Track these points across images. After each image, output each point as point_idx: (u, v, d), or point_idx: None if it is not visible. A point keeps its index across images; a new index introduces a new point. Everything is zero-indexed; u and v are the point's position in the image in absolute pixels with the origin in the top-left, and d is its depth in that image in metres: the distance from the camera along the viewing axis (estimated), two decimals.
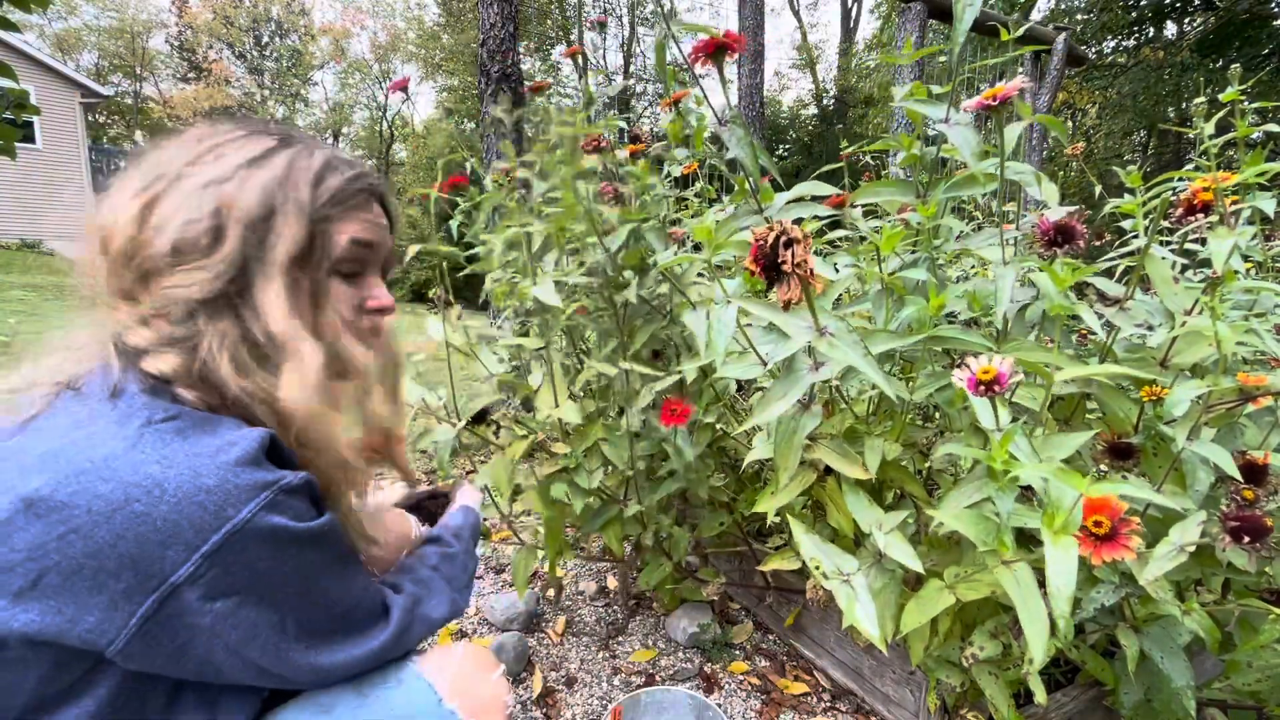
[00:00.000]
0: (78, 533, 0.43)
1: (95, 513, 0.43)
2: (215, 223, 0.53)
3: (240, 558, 0.46)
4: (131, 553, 0.43)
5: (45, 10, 1.55)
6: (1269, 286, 0.91)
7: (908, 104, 0.91)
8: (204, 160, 0.55)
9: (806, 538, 0.88)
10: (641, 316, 1.31)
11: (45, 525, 0.43)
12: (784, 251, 0.67)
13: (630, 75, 20.55)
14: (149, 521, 0.44)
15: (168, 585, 0.44)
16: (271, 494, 0.47)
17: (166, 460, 0.45)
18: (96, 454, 0.45)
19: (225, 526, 0.45)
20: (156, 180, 0.54)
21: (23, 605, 0.43)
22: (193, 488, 0.45)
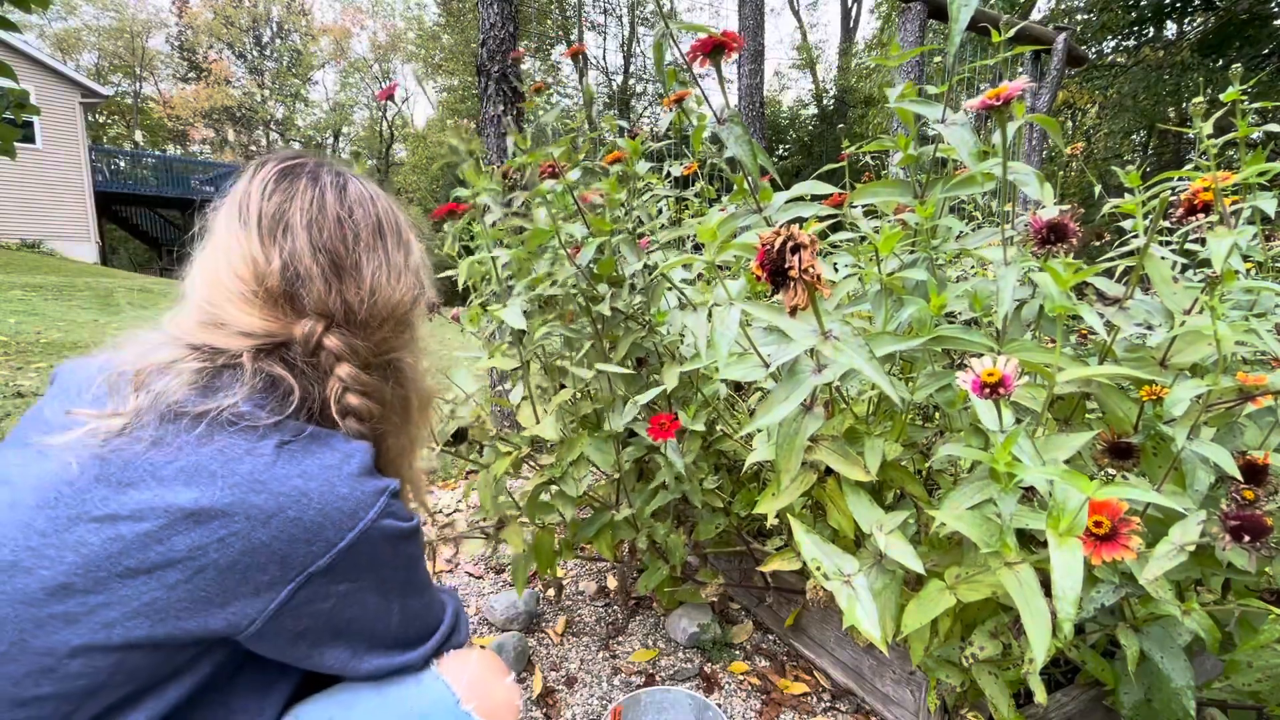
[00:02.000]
0: (237, 536, 0.51)
1: (253, 519, 0.52)
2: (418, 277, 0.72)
3: (366, 550, 0.56)
4: (282, 550, 0.52)
5: (45, 10, 1.55)
6: (1269, 286, 0.91)
7: (902, 104, 0.91)
8: (404, 231, 0.72)
9: (807, 538, 0.88)
10: (620, 326, 1.32)
11: (205, 530, 0.50)
12: (790, 257, 0.67)
13: (630, 75, 20.54)
14: (300, 524, 0.53)
15: (305, 574, 0.53)
16: (387, 498, 0.58)
17: (306, 474, 0.55)
18: (243, 469, 0.53)
19: (359, 526, 0.55)
20: (407, 255, 0.71)
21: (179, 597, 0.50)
22: (332, 495, 0.55)
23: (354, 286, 0.63)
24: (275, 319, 0.60)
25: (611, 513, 1.37)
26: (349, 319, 0.63)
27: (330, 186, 0.65)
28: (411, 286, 0.69)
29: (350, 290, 0.63)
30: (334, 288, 0.62)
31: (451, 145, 1.23)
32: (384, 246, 0.67)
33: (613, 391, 1.30)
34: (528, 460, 1.41)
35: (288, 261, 0.61)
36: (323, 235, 0.62)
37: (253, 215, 0.62)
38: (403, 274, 0.68)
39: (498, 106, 1.78)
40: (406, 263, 0.69)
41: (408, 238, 0.71)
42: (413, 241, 0.72)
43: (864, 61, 18.59)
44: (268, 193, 0.63)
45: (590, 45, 20.31)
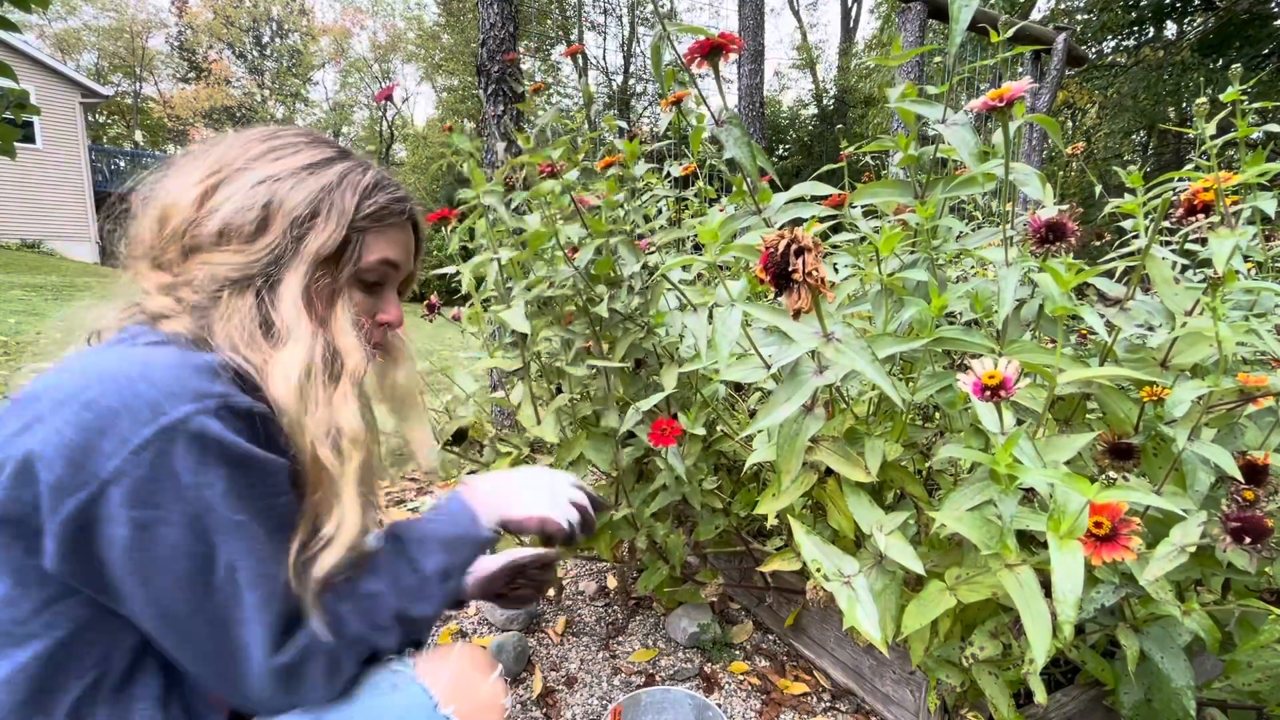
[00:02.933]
0: (39, 421, 0.45)
1: (55, 400, 0.46)
2: (263, 215, 0.58)
3: (166, 461, 0.45)
4: (72, 441, 0.44)
5: (45, 10, 1.54)
6: (1269, 286, 0.91)
7: (903, 104, 0.91)
8: (265, 158, 0.60)
9: (807, 539, 0.88)
10: (619, 328, 1.32)
11: (17, 417, 0.46)
12: (795, 260, 0.67)
13: (630, 75, 20.54)
14: (94, 409, 0.45)
15: (97, 482, 0.44)
16: (216, 401, 0.48)
17: (130, 358, 0.48)
18: (83, 359, 0.49)
19: (160, 420, 0.45)
20: (219, 170, 0.59)
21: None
22: (142, 382, 0.46)
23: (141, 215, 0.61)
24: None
25: (611, 512, 1.37)
26: (146, 250, 0.60)
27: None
28: (188, 200, 0.58)
29: (138, 222, 0.61)
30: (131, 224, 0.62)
31: (457, 145, 1.23)
32: (181, 164, 0.61)
33: (611, 392, 1.30)
34: (528, 461, 1.41)
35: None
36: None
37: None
38: (182, 185, 0.59)
39: (498, 106, 1.78)
40: (201, 181, 0.59)
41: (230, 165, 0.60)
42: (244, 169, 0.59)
43: (864, 61, 18.58)
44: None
45: (590, 45, 20.31)
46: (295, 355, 0.57)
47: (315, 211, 0.60)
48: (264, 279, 0.58)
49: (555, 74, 18.96)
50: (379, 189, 0.64)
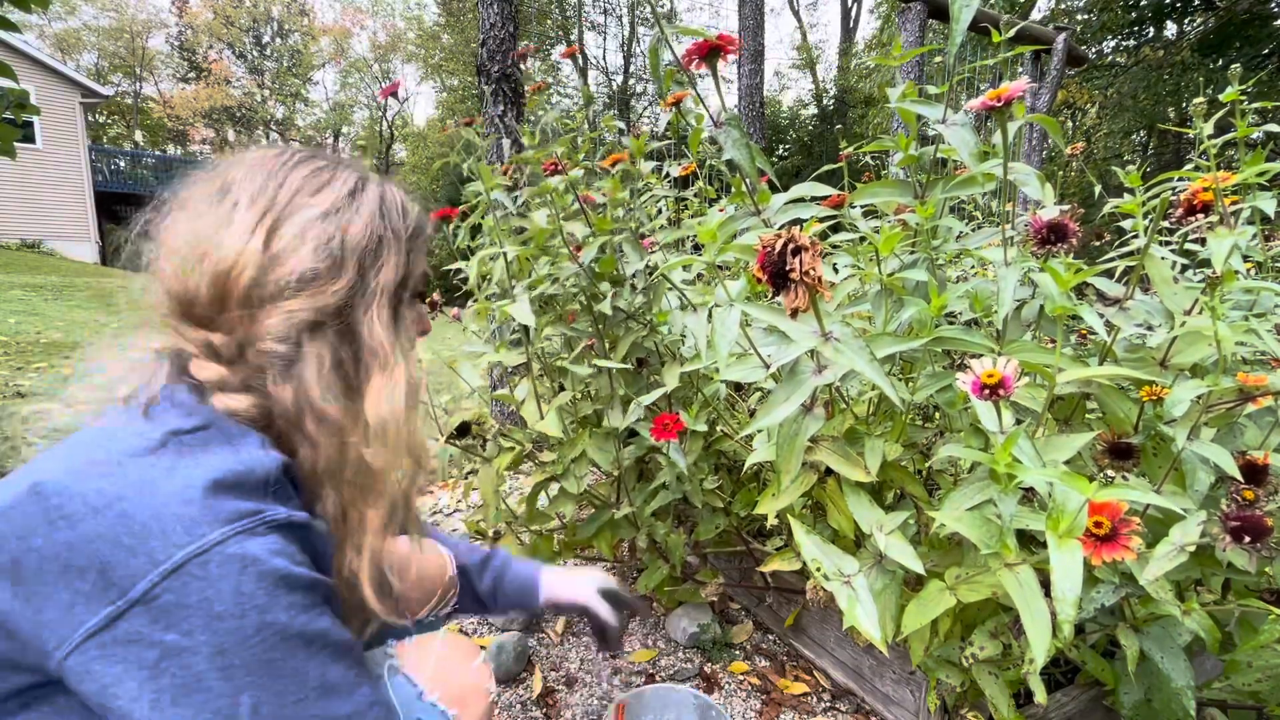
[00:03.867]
0: (67, 519, 0.43)
1: (89, 504, 0.43)
2: (339, 251, 0.56)
3: (199, 586, 0.42)
4: (105, 554, 0.42)
5: (45, 10, 1.55)
6: (1269, 286, 0.91)
7: (903, 105, 0.91)
8: (306, 190, 0.57)
9: (807, 539, 0.88)
10: (621, 326, 1.32)
11: (42, 509, 0.43)
12: (792, 259, 0.67)
13: (630, 75, 20.54)
14: (128, 523, 0.42)
15: (126, 600, 0.42)
16: (253, 522, 0.45)
17: (173, 468, 0.45)
18: (114, 449, 0.45)
19: (192, 544, 0.42)
20: (269, 208, 0.56)
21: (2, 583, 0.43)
22: (180, 499, 0.43)
23: (168, 261, 0.55)
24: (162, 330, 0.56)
25: (612, 511, 1.38)
26: (189, 308, 0.54)
27: (187, 178, 0.60)
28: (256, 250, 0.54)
29: (168, 267, 0.55)
30: (156, 270, 0.56)
31: (466, 142, 1.23)
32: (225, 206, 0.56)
33: (613, 389, 1.30)
34: (529, 458, 1.41)
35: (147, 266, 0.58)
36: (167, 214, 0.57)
37: None
38: (241, 234, 0.54)
39: (498, 106, 1.78)
40: (259, 225, 0.55)
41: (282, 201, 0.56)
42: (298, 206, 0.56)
43: (864, 61, 18.59)
44: None
45: (590, 45, 20.32)
46: (398, 376, 0.57)
47: (380, 240, 0.59)
48: (343, 318, 0.56)
49: (555, 74, 18.96)
50: (409, 208, 0.63)
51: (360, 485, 0.56)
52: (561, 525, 1.57)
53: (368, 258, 0.57)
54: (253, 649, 0.43)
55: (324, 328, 0.55)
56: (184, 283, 0.54)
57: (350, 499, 0.56)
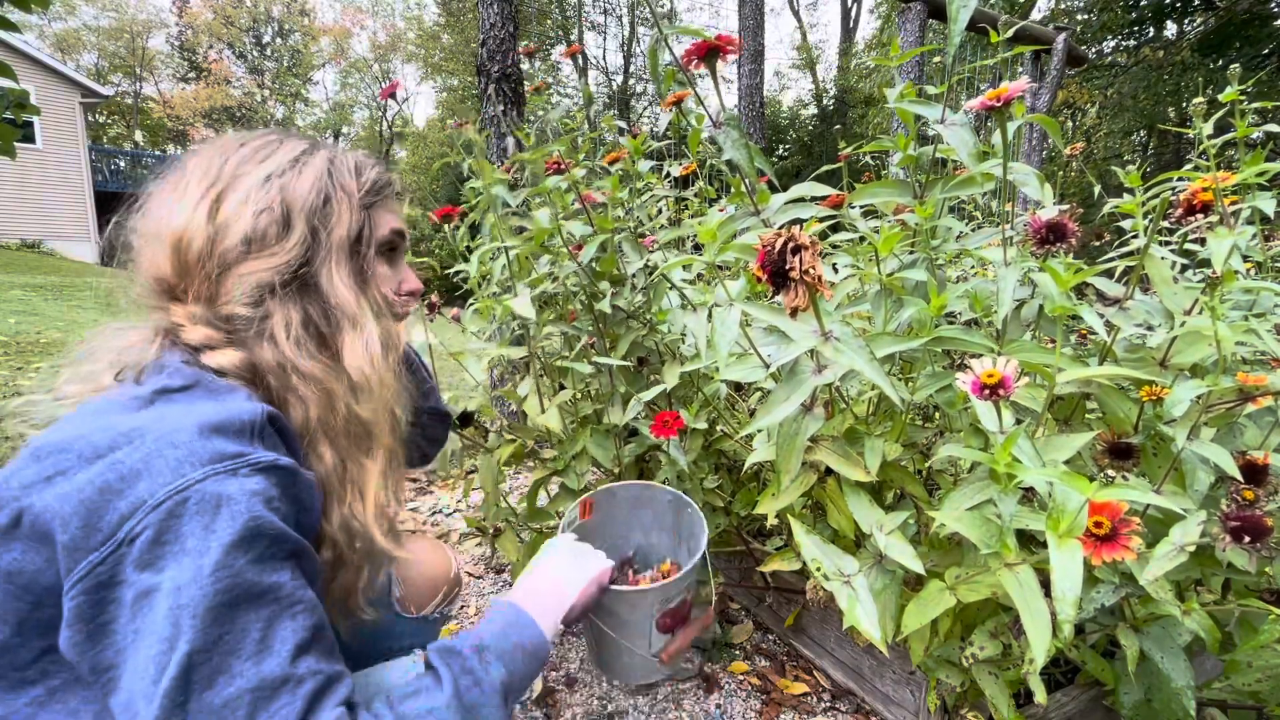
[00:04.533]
0: (63, 474, 0.44)
1: (81, 456, 0.45)
2: (282, 212, 0.57)
3: (174, 523, 0.43)
4: (93, 500, 0.43)
5: (45, 10, 1.55)
6: (1269, 286, 0.91)
7: (901, 105, 0.91)
8: (253, 160, 0.59)
9: (807, 539, 0.88)
10: (622, 325, 1.32)
11: (42, 465, 0.45)
12: (791, 258, 0.67)
13: (630, 75, 20.54)
14: (118, 470, 0.44)
15: (111, 543, 0.43)
16: (235, 463, 0.46)
17: (161, 416, 0.47)
18: (106, 409, 0.48)
19: (176, 481, 0.44)
20: (214, 182, 0.58)
21: (5, 544, 0.45)
22: (165, 443, 0.45)
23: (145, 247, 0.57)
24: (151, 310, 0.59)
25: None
26: (167, 287, 0.57)
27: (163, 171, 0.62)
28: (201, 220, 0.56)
29: (145, 253, 0.57)
30: (137, 258, 0.58)
31: (466, 140, 1.23)
32: (177, 192, 0.58)
33: (613, 387, 1.30)
34: (530, 455, 1.41)
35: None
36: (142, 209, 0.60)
37: None
38: (189, 208, 0.57)
39: (498, 106, 1.78)
40: (204, 198, 0.57)
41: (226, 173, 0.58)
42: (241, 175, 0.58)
43: (864, 61, 18.59)
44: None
45: (590, 45, 20.32)
46: (369, 330, 0.59)
47: (326, 199, 0.60)
48: (302, 277, 0.58)
49: (555, 74, 18.96)
50: (364, 165, 0.66)
51: (354, 435, 0.59)
52: None
53: (316, 216, 0.59)
54: (205, 590, 0.42)
55: (286, 287, 0.57)
56: (155, 264, 0.57)
57: (347, 450, 0.58)
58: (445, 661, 0.56)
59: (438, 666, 0.56)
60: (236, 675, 0.42)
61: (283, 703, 0.43)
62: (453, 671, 0.55)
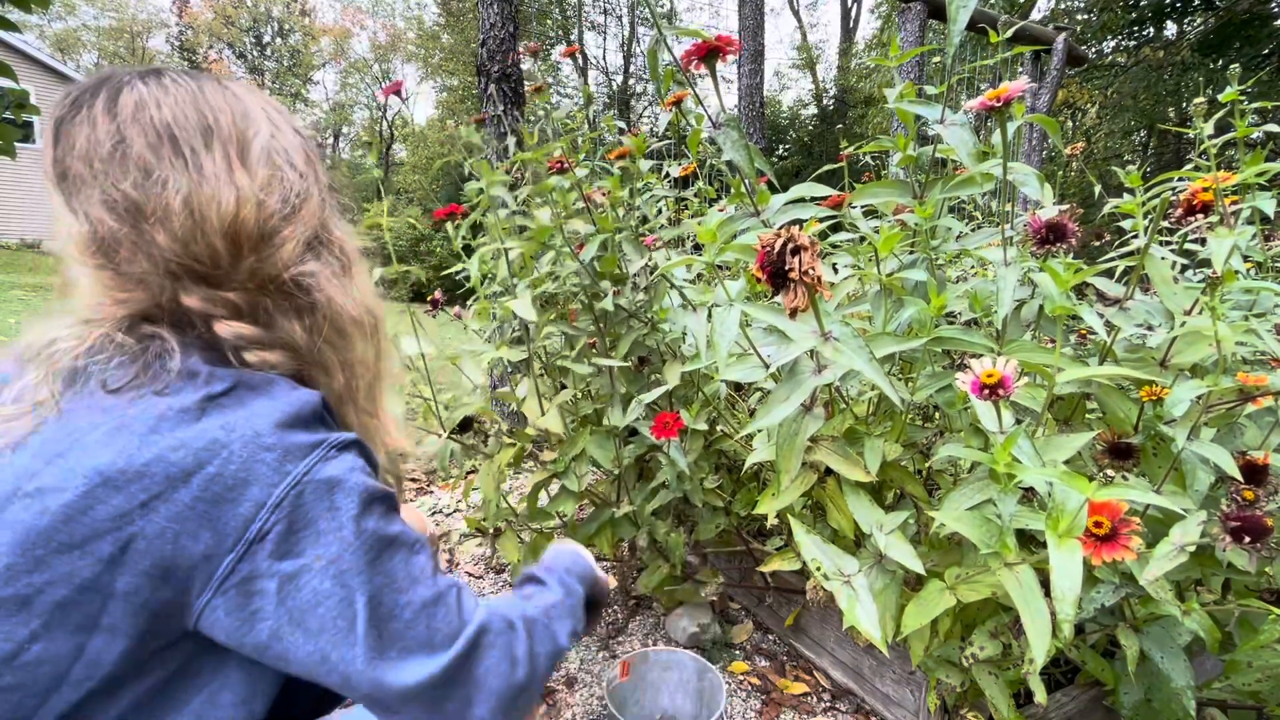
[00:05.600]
0: (159, 499, 0.46)
1: (172, 479, 0.46)
2: (295, 167, 0.58)
3: (302, 513, 0.48)
4: (208, 513, 0.46)
5: (45, 10, 1.54)
6: (1269, 286, 0.91)
7: (901, 105, 0.91)
8: (238, 112, 0.56)
9: (807, 539, 0.88)
10: (623, 324, 1.32)
11: (126, 495, 0.46)
12: (791, 259, 0.67)
13: (630, 75, 20.54)
14: (221, 482, 0.47)
15: (243, 545, 0.47)
16: (325, 449, 0.51)
17: (229, 426, 0.48)
18: (164, 427, 0.48)
19: (286, 479, 0.48)
20: (229, 149, 0.55)
21: (119, 569, 0.46)
22: (255, 448, 0.48)
23: (164, 227, 0.51)
24: (124, 291, 0.52)
25: (612, 509, 1.38)
26: (198, 272, 0.53)
27: (102, 109, 0.51)
28: (249, 189, 0.54)
29: (162, 234, 0.51)
30: (147, 237, 0.51)
31: (466, 141, 1.23)
32: (183, 158, 0.52)
33: (614, 388, 1.30)
34: (530, 456, 1.41)
35: (93, 226, 0.51)
36: (108, 177, 0.50)
37: (49, 176, 0.52)
38: (225, 178, 0.53)
39: (498, 106, 1.78)
40: (233, 163, 0.54)
41: (230, 130, 0.55)
42: (247, 131, 0.56)
43: (864, 61, 18.59)
44: (51, 142, 0.52)
45: (590, 45, 20.32)
46: (362, 266, 0.64)
47: (306, 156, 0.60)
48: (324, 227, 0.60)
49: (555, 74, 18.95)
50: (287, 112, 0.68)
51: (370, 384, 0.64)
52: (562, 524, 1.57)
53: (314, 166, 0.60)
54: (356, 554, 0.50)
55: (317, 240, 0.59)
56: (190, 250, 0.52)
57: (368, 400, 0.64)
58: (547, 577, 0.70)
59: (542, 578, 0.70)
60: (404, 605, 0.52)
61: (442, 611, 0.54)
62: (558, 579, 0.70)
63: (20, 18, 1.59)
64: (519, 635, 0.59)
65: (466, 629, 0.55)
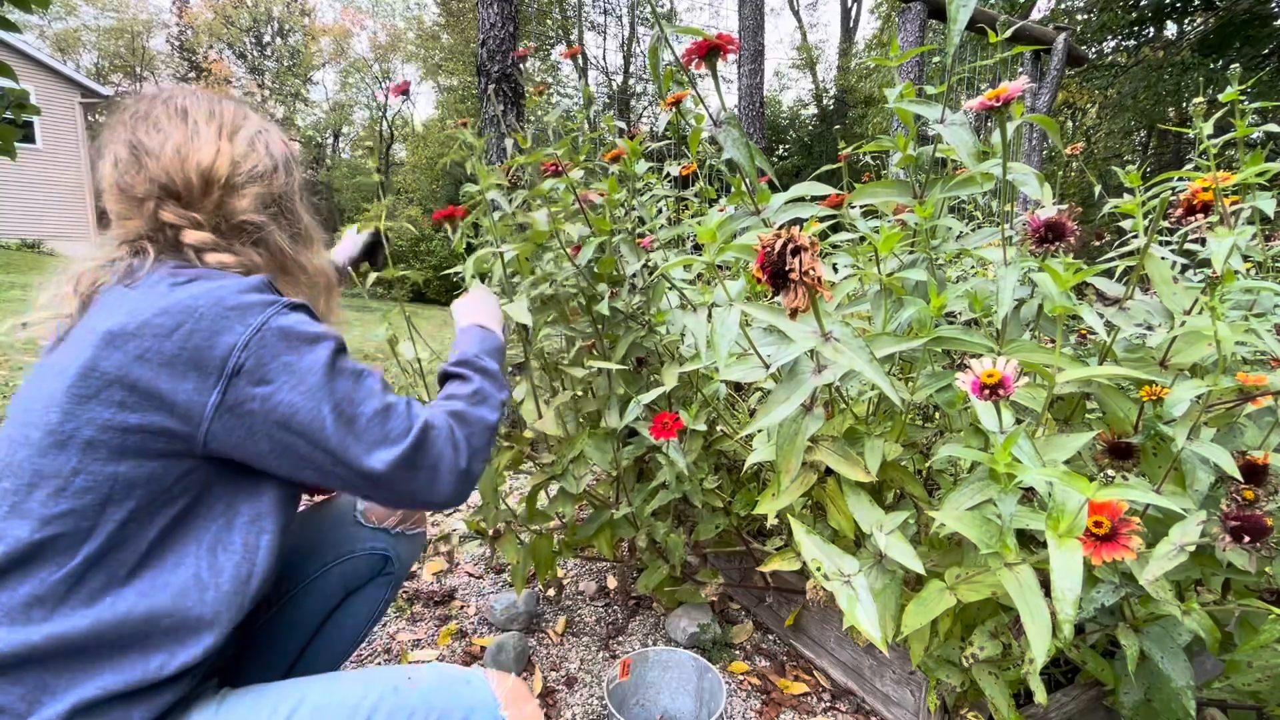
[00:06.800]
0: (150, 351, 0.61)
1: (158, 335, 0.62)
2: (271, 155, 0.79)
3: (267, 351, 0.63)
4: (192, 358, 0.62)
5: (45, 10, 1.55)
6: (1269, 286, 0.91)
7: (901, 105, 0.91)
8: (240, 114, 0.79)
9: (807, 539, 0.88)
10: (620, 326, 1.32)
11: (124, 351, 0.61)
12: (791, 259, 0.67)
13: (630, 75, 20.53)
14: (198, 334, 0.62)
15: (224, 378, 0.62)
16: (279, 305, 0.66)
17: (196, 294, 0.64)
18: (147, 302, 0.64)
19: (249, 327, 0.63)
20: (223, 126, 0.77)
21: (129, 409, 0.61)
22: (221, 308, 0.63)
23: (156, 162, 0.72)
24: (126, 219, 0.73)
25: (611, 511, 1.37)
26: (176, 194, 0.73)
27: (130, 108, 0.77)
28: (227, 152, 0.75)
29: (154, 165, 0.72)
30: (144, 164, 0.72)
31: (464, 141, 1.23)
32: (186, 124, 0.75)
33: (612, 389, 1.30)
34: (529, 458, 1.41)
35: (115, 158, 0.74)
36: (133, 131, 0.74)
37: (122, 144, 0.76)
38: (211, 142, 0.74)
39: (498, 106, 1.79)
40: (222, 135, 0.75)
41: (228, 119, 0.77)
42: (241, 123, 0.78)
43: (864, 61, 18.58)
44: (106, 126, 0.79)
45: (590, 45, 20.31)
46: (321, 247, 0.87)
47: (288, 154, 0.82)
48: (284, 202, 0.80)
49: (555, 74, 18.94)
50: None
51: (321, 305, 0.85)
52: (561, 525, 1.57)
53: (288, 165, 0.82)
54: (316, 375, 0.65)
55: (277, 207, 0.80)
56: (171, 177, 0.72)
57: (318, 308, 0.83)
58: (464, 371, 0.87)
59: (460, 373, 0.87)
60: (361, 413, 0.68)
61: (394, 416, 0.70)
62: (473, 368, 0.87)
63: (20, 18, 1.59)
64: (456, 426, 0.76)
65: (414, 426, 0.70)
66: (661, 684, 1.28)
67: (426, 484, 0.71)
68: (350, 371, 0.69)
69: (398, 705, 0.67)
